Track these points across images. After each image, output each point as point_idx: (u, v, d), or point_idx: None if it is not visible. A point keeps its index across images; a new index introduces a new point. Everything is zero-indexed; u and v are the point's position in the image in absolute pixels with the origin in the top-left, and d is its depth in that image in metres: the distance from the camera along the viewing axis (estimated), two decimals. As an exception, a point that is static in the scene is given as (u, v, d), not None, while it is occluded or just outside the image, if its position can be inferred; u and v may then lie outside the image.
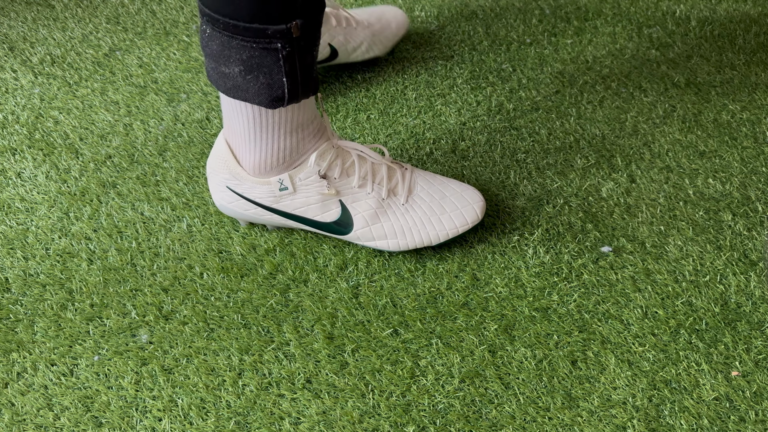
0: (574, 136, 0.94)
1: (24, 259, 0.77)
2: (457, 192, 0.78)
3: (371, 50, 1.03)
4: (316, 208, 0.75)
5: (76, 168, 0.89)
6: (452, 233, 0.76)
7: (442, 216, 0.76)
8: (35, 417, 0.63)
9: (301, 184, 0.74)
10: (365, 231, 0.75)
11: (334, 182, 0.74)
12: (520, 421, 0.62)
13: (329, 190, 0.74)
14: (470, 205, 0.77)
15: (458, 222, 0.76)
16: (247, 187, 0.75)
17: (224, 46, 0.64)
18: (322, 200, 0.74)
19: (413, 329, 0.70)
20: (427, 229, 0.75)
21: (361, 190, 0.75)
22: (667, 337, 0.69)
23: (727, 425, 0.62)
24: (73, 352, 0.68)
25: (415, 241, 0.75)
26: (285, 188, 0.74)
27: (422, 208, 0.76)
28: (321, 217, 0.75)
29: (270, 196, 0.75)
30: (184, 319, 0.71)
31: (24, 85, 1.04)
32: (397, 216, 0.75)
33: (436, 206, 0.76)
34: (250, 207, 0.76)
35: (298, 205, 0.75)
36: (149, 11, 1.23)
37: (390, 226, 0.75)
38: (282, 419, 0.62)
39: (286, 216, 0.76)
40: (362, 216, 0.75)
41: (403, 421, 0.62)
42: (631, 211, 0.83)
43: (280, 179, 0.73)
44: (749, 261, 0.76)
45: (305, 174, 0.73)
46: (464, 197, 0.77)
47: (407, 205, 0.76)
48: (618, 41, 1.15)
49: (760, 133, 0.95)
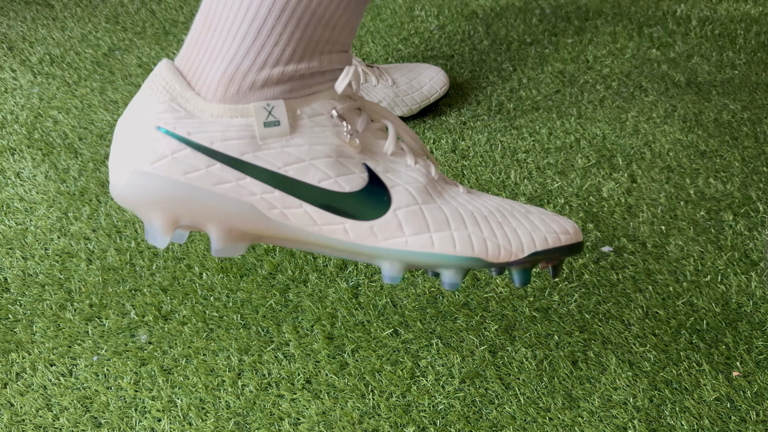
0: (574, 135, 0.94)
1: (23, 259, 0.77)
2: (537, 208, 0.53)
3: (392, 110, 0.96)
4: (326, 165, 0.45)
5: (75, 168, 0.89)
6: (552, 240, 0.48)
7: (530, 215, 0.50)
8: (34, 417, 0.62)
9: (305, 123, 0.44)
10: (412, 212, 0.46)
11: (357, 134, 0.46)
12: (521, 422, 0.62)
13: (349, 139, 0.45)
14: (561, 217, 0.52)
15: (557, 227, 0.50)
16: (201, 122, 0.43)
17: None
18: (336, 153, 0.45)
19: (413, 329, 0.70)
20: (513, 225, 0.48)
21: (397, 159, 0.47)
22: (668, 337, 0.69)
23: (728, 426, 0.62)
24: (72, 352, 0.68)
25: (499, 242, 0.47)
26: (274, 122, 0.43)
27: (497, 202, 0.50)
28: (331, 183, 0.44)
29: (243, 138, 0.43)
30: (183, 319, 0.70)
31: (23, 84, 1.04)
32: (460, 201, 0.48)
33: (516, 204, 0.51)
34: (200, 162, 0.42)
35: (293, 158, 0.44)
36: (148, 11, 1.22)
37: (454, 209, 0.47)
38: (281, 420, 0.62)
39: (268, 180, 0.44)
40: (404, 190, 0.46)
41: (403, 422, 0.62)
42: (632, 211, 0.82)
43: (268, 105, 0.43)
44: (750, 261, 0.76)
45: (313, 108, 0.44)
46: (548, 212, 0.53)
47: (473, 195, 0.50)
48: (618, 41, 1.15)
49: (761, 132, 0.95)
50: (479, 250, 0.46)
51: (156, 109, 0.42)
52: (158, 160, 0.42)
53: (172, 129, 0.42)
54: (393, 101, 0.95)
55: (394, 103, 0.95)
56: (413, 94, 0.96)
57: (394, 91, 0.95)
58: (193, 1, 1.25)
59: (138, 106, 0.43)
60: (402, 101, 0.95)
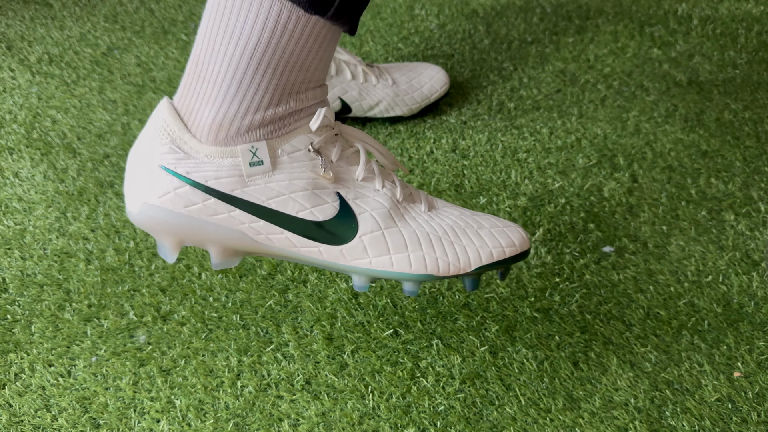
0: (575, 135, 0.94)
1: (21, 259, 0.76)
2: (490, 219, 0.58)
3: (392, 110, 0.95)
4: (303, 198, 0.52)
5: (73, 167, 0.88)
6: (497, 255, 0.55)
7: (481, 231, 0.56)
8: (33, 418, 0.62)
9: (285, 159, 0.51)
10: (375, 237, 0.53)
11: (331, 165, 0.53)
12: (522, 423, 0.62)
13: (324, 173, 0.52)
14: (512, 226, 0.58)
15: (504, 241, 0.55)
16: (198, 162, 0.50)
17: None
18: (312, 186, 0.52)
19: (413, 330, 0.69)
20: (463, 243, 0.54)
21: (366, 184, 0.54)
22: (669, 337, 0.68)
23: (730, 426, 0.61)
24: (70, 352, 0.67)
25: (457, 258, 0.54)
26: (258, 162, 0.50)
27: (453, 220, 0.56)
28: (309, 213, 0.52)
29: (233, 177, 0.50)
30: (182, 319, 0.70)
31: (22, 84, 1.03)
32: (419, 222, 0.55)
33: (470, 220, 0.57)
34: (197, 198, 0.50)
35: (275, 192, 0.51)
36: (147, 10, 1.22)
37: (411, 232, 0.54)
38: (281, 420, 0.62)
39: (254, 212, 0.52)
40: (370, 217, 0.53)
41: (403, 423, 0.62)
42: (633, 211, 0.82)
43: (252, 147, 0.50)
44: (752, 261, 0.76)
45: (292, 145, 0.51)
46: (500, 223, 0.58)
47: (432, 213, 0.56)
48: (620, 40, 1.14)
49: (762, 132, 0.94)
50: (431, 268, 0.54)
51: (159, 150, 0.50)
52: (163, 194, 0.51)
53: (174, 168, 0.50)
54: (393, 101, 0.94)
55: (394, 102, 0.95)
56: (413, 94, 0.95)
57: (394, 90, 0.94)
58: (192, 0, 1.25)
59: (144, 145, 0.51)
60: (402, 101, 0.95)
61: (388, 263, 0.54)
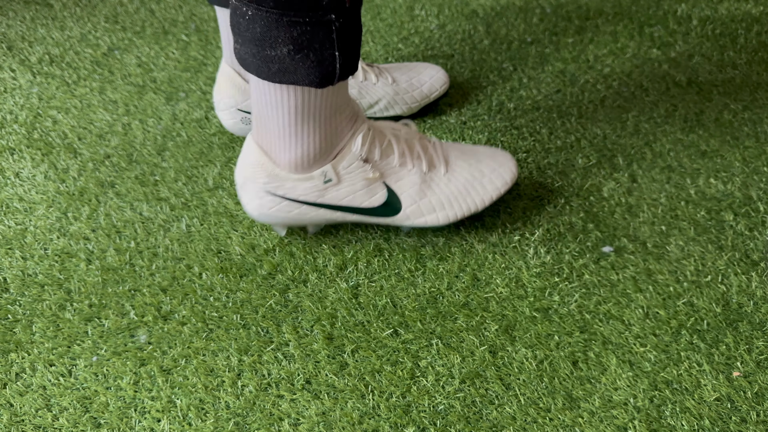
0: (575, 135, 0.94)
1: (22, 259, 0.77)
2: (488, 154, 0.79)
3: (391, 108, 0.95)
4: (363, 194, 0.73)
5: (74, 168, 0.88)
6: (495, 195, 0.77)
7: (483, 180, 0.77)
8: (34, 417, 0.62)
9: (345, 173, 0.72)
10: (414, 208, 0.75)
11: (376, 165, 0.73)
12: (521, 422, 0.62)
13: (373, 174, 0.72)
14: (505, 165, 0.78)
15: (499, 182, 0.77)
16: (289, 187, 0.72)
17: (270, 27, 0.61)
18: (367, 185, 0.73)
19: (413, 330, 0.69)
20: (472, 196, 0.76)
21: (402, 168, 0.74)
22: (669, 337, 0.69)
23: (729, 426, 0.61)
24: (71, 352, 0.68)
25: (463, 209, 0.76)
26: (329, 180, 0.72)
27: (463, 176, 0.76)
28: (369, 203, 0.74)
29: (314, 192, 0.73)
30: (182, 319, 0.70)
31: (22, 84, 1.04)
32: (441, 187, 0.75)
33: (475, 171, 0.76)
34: (294, 207, 0.74)
35: (344, 195, 0.73)
36: (148, 10, 1.22)
37: (437, 198, 0.75)
38: (281, 420, 0.62)
39: (332, 208, 0.74)
40: (408, 194, 0.74)
41: (403, 422, 0.62)
42: (633, 211, 0.82)
43: (323, 172, 0.71)
44: (751, 261, 0.76)
45: (347, 161, 0.71)
46: (497, 158, 0.78)
47: (448, 174, 0.76)
48: (619, 40, 1.14)
49: (761, 132, 0.95)
50: (452, 218, 0.76)
51: (262, 180, 0.72)
52: (272, 207, 0.74)
53: (275, 191, 0.73)
54: (392, 99, 0.94)
55: (393, 101, 0.95)
56: (413, 93, 0.95)
57: (393, 89, 0.94)
58: (192, 1, 1.25)
59: (249, 170, 0.72)
60: (402, 99, 0.95)
61: (423, 222, 0.76)
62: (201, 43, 1.13)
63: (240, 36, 0.63)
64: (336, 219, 0.75)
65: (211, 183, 0.86)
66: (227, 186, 0.86)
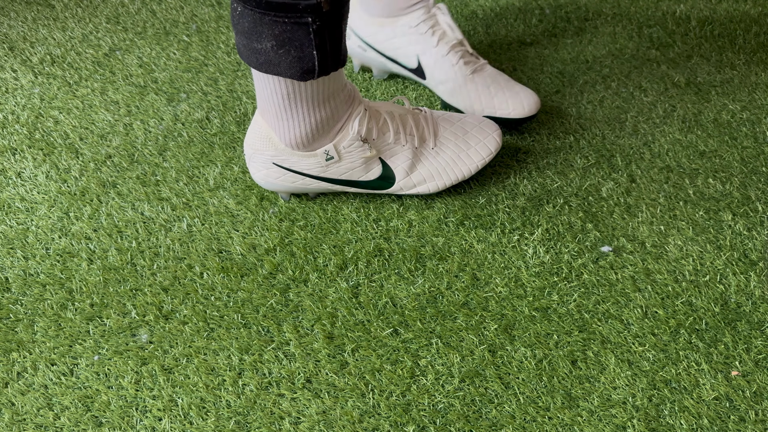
0: (574, 135, 0.94)
1: (24, 259, 0.77)
2: (475, 125, 0.84)
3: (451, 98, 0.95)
4: (361, 170, 0.80)
5: (76, 168, 0.89)
6: (481, 164, 0.83)
7: (469, 151, 0.83)
8: (35, 417, 0.63)
9: (346, 152, 0.78)
10: (407, 180, 0.81)
11: (373, 143, 0.79)
12: (520, 421, 0.62)
13: (371, 152, 0.78)
14: (490, 135, 0.84)
15: (484, 153, 0.83)
16: (294, 161, 0.78)
17: (256, 23, 0.66)
18: (364, 162, 0.79)
19: (413, 329, 0.70)
20: (459, 166, 0.82)
21: (396, 144, 0.80)
22: (667, 336, 0.69)
23: (727, 425, 0.62)
24: (73, 351, 0.68)
25: (451, 178, 0.82)
26: (331, 158, 0.78)
27: (450, 148, 0.82)
28: (365, 177, 0.80)
29: (317, 167, 0.79)
30: (184, 318, 0.71)
31: (24, 84, 1.04)
32: (430, 160, 0.81)
33: (461, 143, 0.83)
34: (298, 179, 0.80)
35: (344, 171, 0.79)
36: (149, 11, 1.23)
37: (426, 170, 0.81)
38: (282, 419, 0.62)
39: (333, 182, 0.81)
40: (401, 168, 0.80)
41: (403, 421, 0.62)
42: (631, 211, 0.83)
43: (326, 150, 0.77)
44: (749, 261, 0.76)
45: (348, 141, 0.77)
46: (483, 129, 0.84)
47: (437, 148, 0.82)
48: (618, 41, 1.15)
49: (760, 132, 0.95)
50: (441, 187, 0.82)
51: (270, 152, 0.79)
52: (278, 177, 0.80)
53: (281, 163, 0.79)
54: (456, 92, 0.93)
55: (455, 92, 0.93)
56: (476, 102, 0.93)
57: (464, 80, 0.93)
58: (194, 1, 1.25)
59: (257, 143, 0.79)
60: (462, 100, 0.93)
61: (415, 191, 0.82)
62: (202, 43, 1.13)
63: (234, 28, 0.69)
64: (335, 189, 0.82)
65: (212, 183, 0.86)
66: (228, 186, 0.86)
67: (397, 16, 0.95)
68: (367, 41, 0.99)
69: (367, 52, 1.00)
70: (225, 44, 1.13)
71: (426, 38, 0.94)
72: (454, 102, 0.94)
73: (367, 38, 0.99)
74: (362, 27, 0.99)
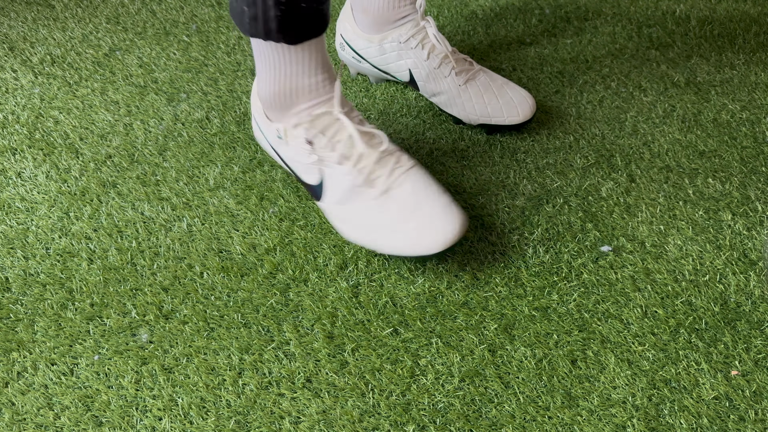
0: (573, 135, 0.94)
1: (24, 259, 0.77)
2: (435, 210, 0.71)
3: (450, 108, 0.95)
4: (302, 167, 0.78)
5: (76, 168, 0.89)
6: (394, 253, 0.71)
7: (395, 233, 0.71)
8: (35, 416, 0.63)
9: (292, 141, 0.77)
10: (331, 207, 0.76)
11: (316, 150, 0.75)
12: (520, 420, 0.62)
13: (310, 158, 0.76)
14: (439, 232, 0.70)
15: (404, 246, 0.71)
16: (262, 123, 0.81)
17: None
18: (305, 161, 0.77)
19: (413, 328, 0.70)
20: (375, 237, 0.72)
21: (338, 166, 0.75)
22: (667, 336, 0.69)
23: (727, 424, 0.62)
24: (73, 351, 0.68)
25: (377, 243, 0.72)
26: (280, 137, 0.78)
27: (385, 216, 0.72)
28: (304, 177, 0.79)
29: (273, 138, 0.80)
30: (184, 318, 0.71)
31: (24, 84, 1.04)
32: (359, 208, 0.73)
33: (399, 221, 0.71)
34: (266, 144, 0.83)
35: (290, 157, 0.79)
36: (149, 11, 1.23)
37: (350, 213, 0.74)
38: (282, 418, 0.62)
39: (284, 163, 0.82)
40: (332, 192, 0.75)
41: (403, 420, 0.62)
42: (631, 211, 0.83)
43: (278, 130, 0.78)
44: (749, 260, 0.76)
45: (294, 134, 0.76)
46: (436, 220, 0.70)
47: (375, 203, 0.73)
48: (618, 41, 1.15)
49: (759, 132, 0.95)
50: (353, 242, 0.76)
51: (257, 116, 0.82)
52: (258, 135, 0.84)
53: (258, 122, 0.82)
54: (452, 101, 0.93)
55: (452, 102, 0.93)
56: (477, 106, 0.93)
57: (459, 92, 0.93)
58: (193, 2, 1.25)
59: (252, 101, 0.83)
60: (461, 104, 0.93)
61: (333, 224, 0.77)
62: (202, 44, 1.13)
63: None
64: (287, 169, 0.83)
65: (212, 183, 0.86)
66: (228, 186, 0.86)
67: (386, 32, 0.95)
68: (361, 54, 0.99)
69: (362, 63, 1.01)
70: (225, 44, 1.13)
71: (416, 52, 0.94)
72: (449, 111, 0.94)
73: (360, 51, 0.99)
74: (355, 40, 0.99)
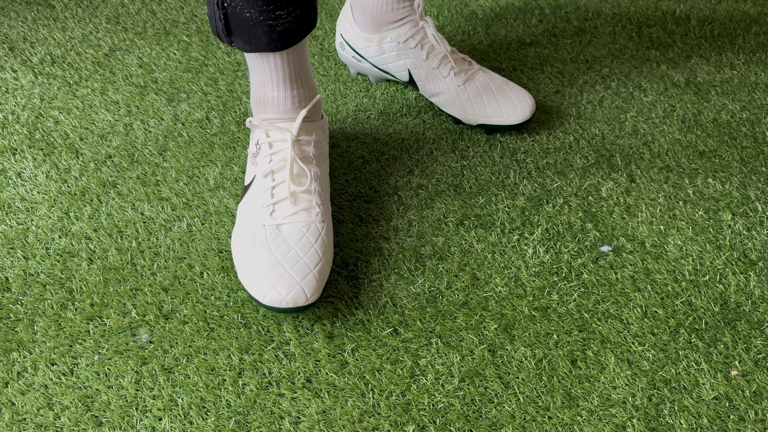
0: (573, 135, 0.94)
1: (24, 259, 0.77)
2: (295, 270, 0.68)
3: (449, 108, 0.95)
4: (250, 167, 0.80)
5: (76, 168, 0.89)
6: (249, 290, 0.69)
7: (264, 273, 0.68)
8: (35, 416, 0.63)
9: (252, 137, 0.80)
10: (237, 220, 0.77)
11: (253, 159, 0.78)
12: (520, 421, 0.62)
13: (251, 160, 0.78)
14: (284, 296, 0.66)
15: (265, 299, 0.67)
16: None
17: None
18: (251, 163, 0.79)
19: (413, 328, 0.70)
20: (245, 263, 0.70)
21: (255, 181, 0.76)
22: (667, 336, 0.69)
23: (727, 424, 0.62)
24: (73, 351, 0.68)
25: (236, 254, 0.72)
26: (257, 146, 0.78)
27: (269, 250, 0.70)
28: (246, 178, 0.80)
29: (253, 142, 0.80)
30: (184, 318, 0.71)
31: (24, 84, 1.04)
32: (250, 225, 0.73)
33: (280, 255, 0.69)
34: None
35: None
36: (149, 11, 1.23)
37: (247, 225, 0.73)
38: (282, 418, 0.62)
39: None
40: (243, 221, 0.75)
41: (403, 421, 0.62)
42: (631, 211, 0.83)
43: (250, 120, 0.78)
44: (749, 260, 0.76)
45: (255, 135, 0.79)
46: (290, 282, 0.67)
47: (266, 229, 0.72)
48: (618, 41, 1.15)
49: (759, 132, 0.95)
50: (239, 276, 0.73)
51: None
52: None
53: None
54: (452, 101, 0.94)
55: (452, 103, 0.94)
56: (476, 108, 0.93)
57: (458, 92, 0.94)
58: (194, 2, 1.25)
59: None
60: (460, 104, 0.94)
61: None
62: (202, 44, 1.13)
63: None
64: None
65: (212, 183, 0.86)
66: (228, 186, 0.86)
67: (385, 31, 0.95)
68: (361, 53, 0.99)
69: (362, 62, 1.00)
70: (225, 44, 1.13)
71: (415, 53, 0.94)
72: (448, 112, 0.94)
73: (360, 51, 0.99)
74: (355, 39, 0.99)
